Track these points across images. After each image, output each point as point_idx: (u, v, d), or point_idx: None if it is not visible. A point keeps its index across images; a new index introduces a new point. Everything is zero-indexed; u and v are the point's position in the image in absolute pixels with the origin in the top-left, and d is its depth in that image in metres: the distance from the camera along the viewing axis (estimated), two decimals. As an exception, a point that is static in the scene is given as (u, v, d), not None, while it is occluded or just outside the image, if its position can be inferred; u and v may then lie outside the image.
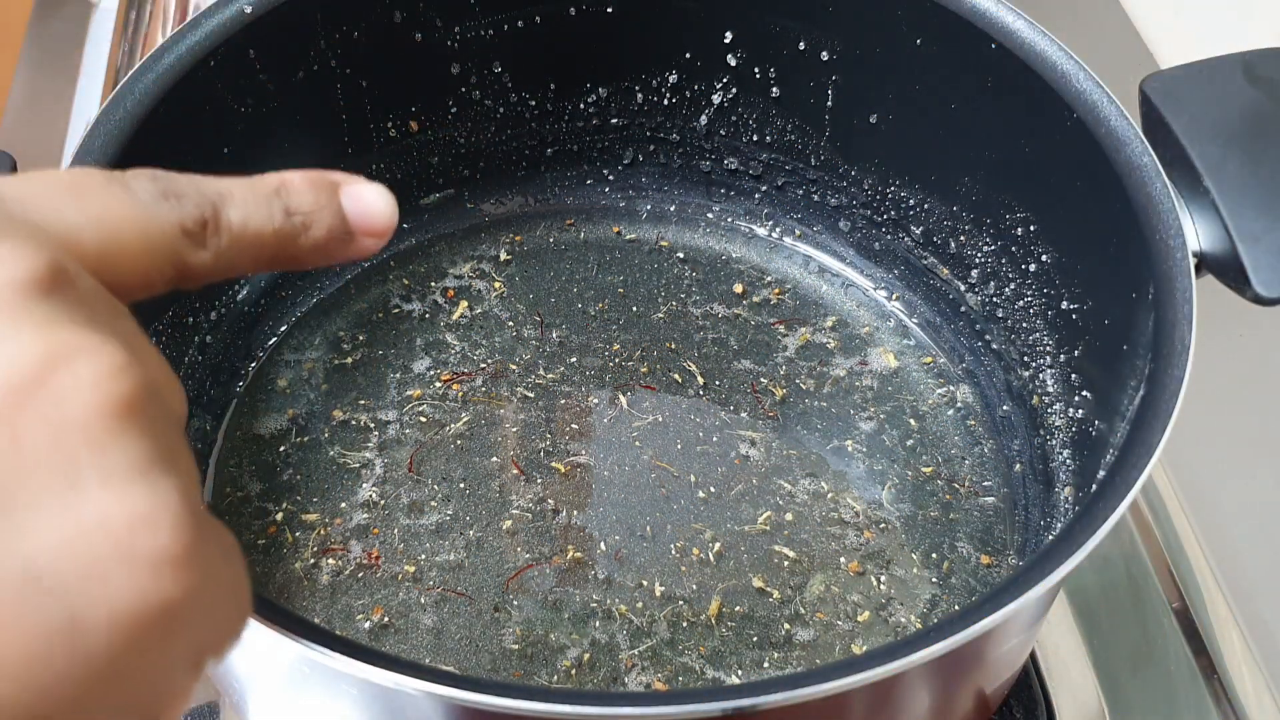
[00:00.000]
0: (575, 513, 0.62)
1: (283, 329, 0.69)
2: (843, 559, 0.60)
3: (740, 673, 0.56)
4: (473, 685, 0.37)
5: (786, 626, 0.58)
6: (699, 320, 0.70)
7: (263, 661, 0.47)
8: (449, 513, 0.61)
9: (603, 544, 0.60)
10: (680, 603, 0.58)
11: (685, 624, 0.57)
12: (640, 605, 0.58)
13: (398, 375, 0.67)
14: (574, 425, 0.65)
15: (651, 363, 0.68)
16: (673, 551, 0.60)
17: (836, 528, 0.61)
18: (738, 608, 0.58)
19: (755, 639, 0.57)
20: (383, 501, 0.62)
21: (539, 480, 0.63)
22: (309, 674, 0.43)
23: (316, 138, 0.67)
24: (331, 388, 0.66)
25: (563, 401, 0.66)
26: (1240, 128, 0.53)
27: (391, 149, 0.70)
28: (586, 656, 0.56)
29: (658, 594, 0.59)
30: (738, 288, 0.72)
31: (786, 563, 0.60)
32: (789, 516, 0.62)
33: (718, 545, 0.60)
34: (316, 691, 0.45)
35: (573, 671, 0.56)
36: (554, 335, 0.69)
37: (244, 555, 0.28)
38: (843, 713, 0.43)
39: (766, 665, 0.56)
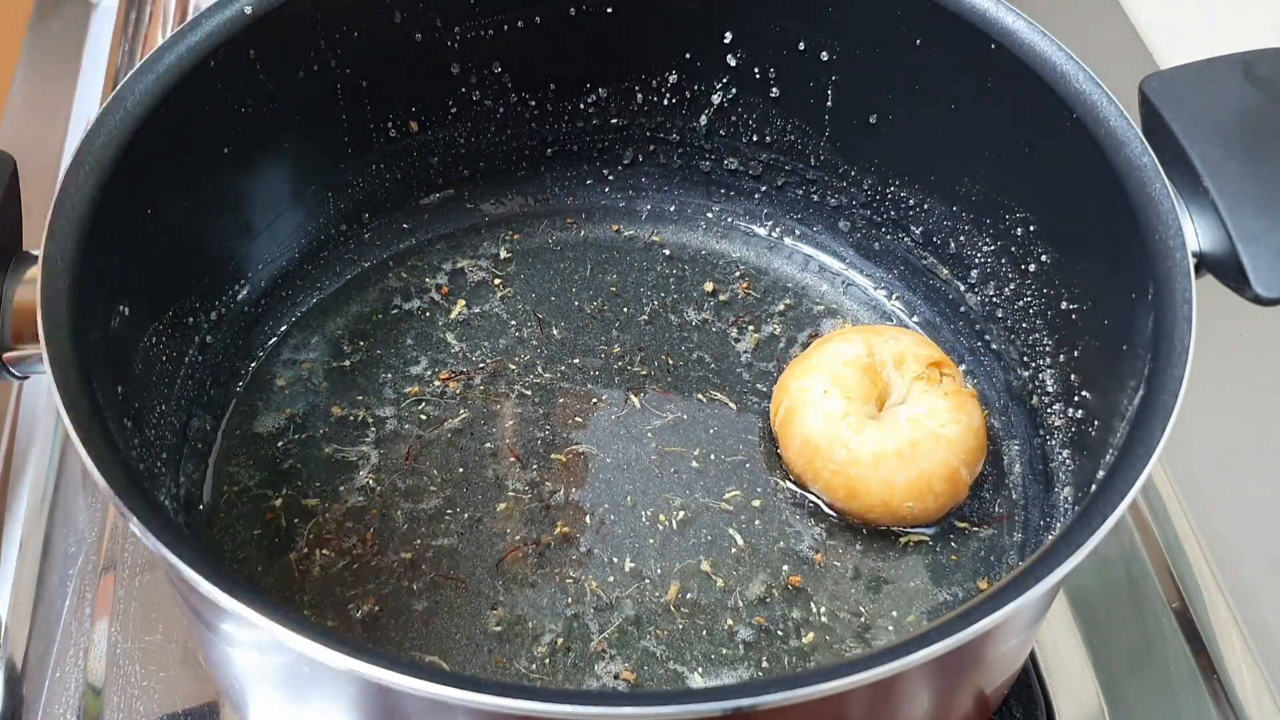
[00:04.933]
0: (573, 491, 0.62)
1: (283, 329, 0.69)
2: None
3: (700, 670, 0.56)
4: (473, 685, 0.37)
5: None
6: (696, 320, 0.70)
7: (263, 661, 0.47)
8: (444, 497, 0.62)
9: (588, 518, 0.61)
10: (645, 581, 0.59)
11: (648, 605, 0.58)
12: (611, 580, 0.58)
13: (396, 374, 0.67)
14: (573, 420, 0.65)
15: (648, 362, 0.68)
16: (643, 519, 0.61)
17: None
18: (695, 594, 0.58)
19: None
20: (379, 489, 0.62)
21: (535, 466, 0.63)
22: (309, 673, 0.43)
23: (316, 138, 0.67)
24: (331, 387, 0.66)
25: (561, 400, 0.66)
26: (1240, 128, 0.53)
27: (391, 149, 0.70)
28: (560, 641, 0.57)
29: (626, 570, 0.59)
30: (740, 288, 0.72)
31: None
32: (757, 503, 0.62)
33: (681, 514, 0.61)
34: (316, 691, 0.45)
35: (546, 660, 0.56)
36: (553, 333, 0.69)
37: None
38: (843, 713, 0.43)
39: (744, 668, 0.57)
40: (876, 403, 0.62)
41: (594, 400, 0.66)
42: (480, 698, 0.37)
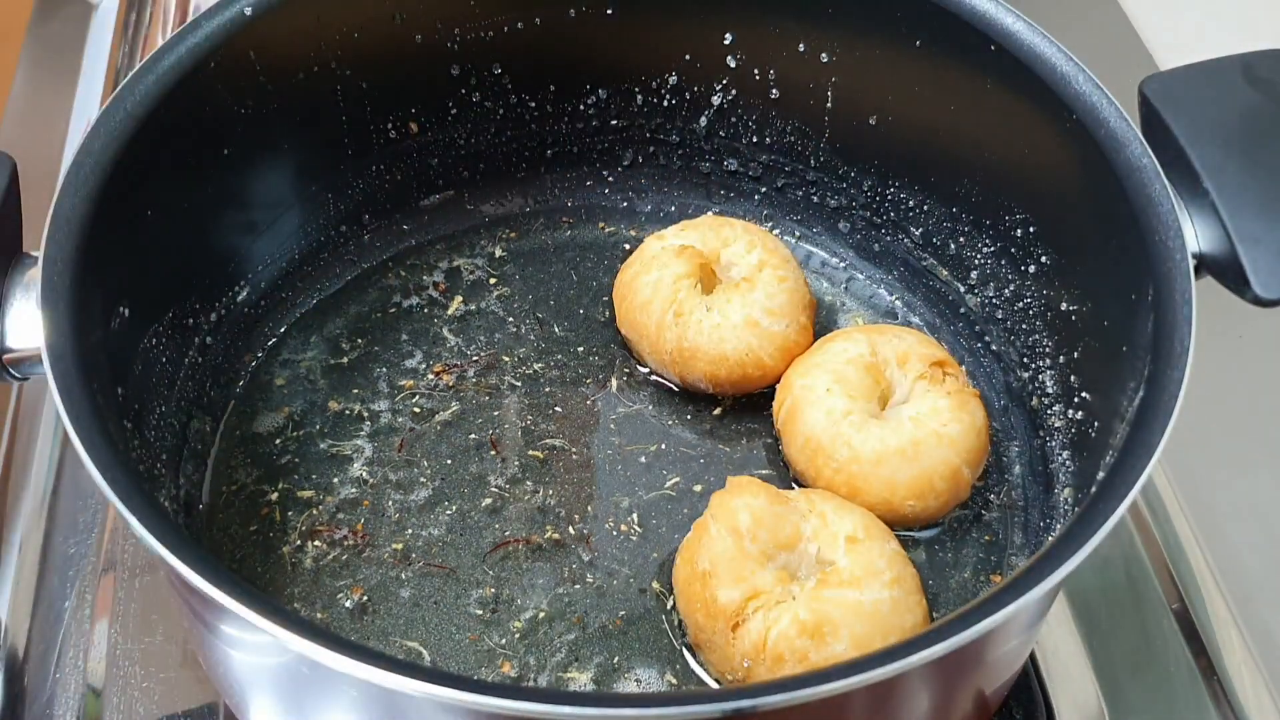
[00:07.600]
0: (550, 491, 0.62)
1: (282, 330, 0.69)
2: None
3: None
4: (473, 686, 0.37)
5: None
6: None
7: (263, 662, 0.47)
8: (433, 489, 0.62)
9: (567, 510, 0.61)
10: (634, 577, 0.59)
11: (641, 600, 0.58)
12: (599, 574, 0.58)
13: (392, 368, 0.67)
14: (556, 412, 0.66)
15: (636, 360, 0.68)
16: (611, 525, 0.61)
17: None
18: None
19: None
20: (372, 480, 0.62)
21: (517, 462, 0.63)
22: (308, 674, 0.43)
23: (316, 138, 0.67)
24: (329, 384, 0.66)
25: (547, 389, 0.66)
26: (1240, 129, 0.53)
27: (391, 150, 0.70)
28: (543, 615, 0.58)
29: (613, 565, 0.59)
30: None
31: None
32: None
33: (635, 515, 0.62)
34: (316, 692, 0.45)
35: (518, 636, 0.56)
36: (544, 329, 0.69)
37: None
38: (843, 714, 0.43)
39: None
40: (879, 401, 0.62)
41: (580, 394, 0.66)
42: (479, 698, 0.37)
